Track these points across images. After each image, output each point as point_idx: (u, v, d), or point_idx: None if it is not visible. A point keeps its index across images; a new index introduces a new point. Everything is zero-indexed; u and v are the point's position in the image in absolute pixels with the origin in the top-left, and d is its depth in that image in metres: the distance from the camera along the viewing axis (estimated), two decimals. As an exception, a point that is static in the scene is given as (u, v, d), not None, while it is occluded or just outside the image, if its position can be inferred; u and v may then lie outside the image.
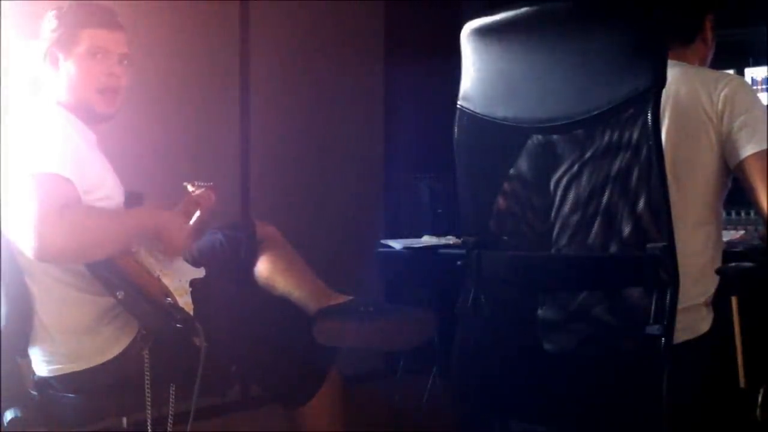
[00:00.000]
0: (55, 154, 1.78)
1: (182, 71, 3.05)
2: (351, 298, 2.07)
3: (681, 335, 1.61)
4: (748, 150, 1.75)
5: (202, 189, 2.07)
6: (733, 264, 1.78)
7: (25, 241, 1.71)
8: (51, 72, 1.95)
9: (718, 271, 1.78)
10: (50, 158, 1.77)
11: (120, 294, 1.81)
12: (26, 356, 1.93)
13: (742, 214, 2.33)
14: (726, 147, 1.78)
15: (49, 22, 1.96)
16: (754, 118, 1.76)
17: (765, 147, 1.74)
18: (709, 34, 1.95)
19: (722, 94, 1.77)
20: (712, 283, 1.79)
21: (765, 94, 2.70)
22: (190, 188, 2.07)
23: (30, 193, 1.72)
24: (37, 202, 1.70)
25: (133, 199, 1.97)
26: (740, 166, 1.76)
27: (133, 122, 2.07)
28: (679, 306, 1.53)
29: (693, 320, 1.75)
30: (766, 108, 1.80)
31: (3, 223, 1.82)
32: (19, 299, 1.89)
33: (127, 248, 1.84)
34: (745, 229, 2.27)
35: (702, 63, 1.96)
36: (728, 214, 2.31)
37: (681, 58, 1.87)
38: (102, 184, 1.89)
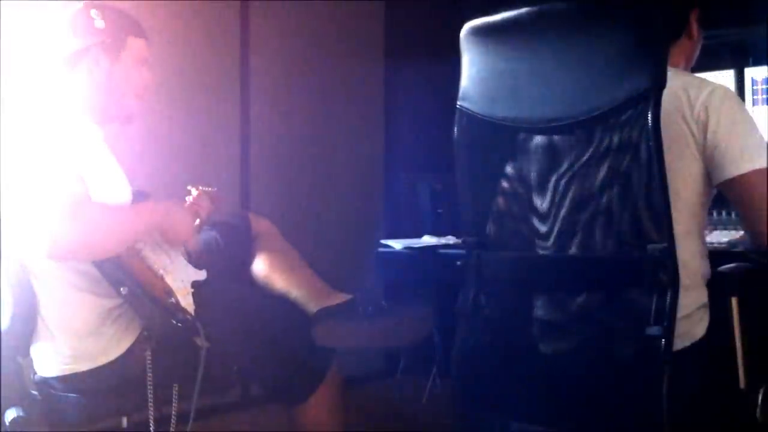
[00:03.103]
0: (65, 152, 1.77)
1: (181, 71, 3.05)
2: (350, 296, 2.07)
3: (678, 342, 1.59)
4: (732, 171, 1.69)
5: (204, 194, 2.08)
6: (733, 264, 1.78)
7: (36, 239, 1.70)
8: (90, 70, 1.94)
9: (718, 272, 1.77)
10: (61, 156, 1.76)
11: (124, 290, 1.81)
12: (28, 356, 1.94)
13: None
14: (711, 163, 1.71)
15: (95, 21, 1.94)
16: (738, 134, 1.69)
17: (755, 167, 1.68)
18: (695, 30, 1.89)
19: (703, 104, 1.71)
20: (702, 291, 1.76)
21: (765, 95, 2.69)
22: (194, 192, 2.07)
23: (41, 192, 1.70)
24: (48, 200, 1.69)
25: (139, 199, 1.97)
26: (726, 185, 1.71)
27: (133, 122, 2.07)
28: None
29: (689, 326, 1.73)
30: (751, 121, 1.72)
31: (11, 222, 1.82)
32: (24, 299, 1.89)
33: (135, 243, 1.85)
34: (744, 230, 2.27)
35: (689, 59, 1.92)
36: (728, 214, 2.30)
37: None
38: (110, 181, 1.89)
